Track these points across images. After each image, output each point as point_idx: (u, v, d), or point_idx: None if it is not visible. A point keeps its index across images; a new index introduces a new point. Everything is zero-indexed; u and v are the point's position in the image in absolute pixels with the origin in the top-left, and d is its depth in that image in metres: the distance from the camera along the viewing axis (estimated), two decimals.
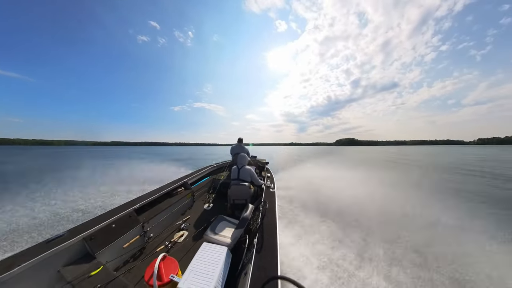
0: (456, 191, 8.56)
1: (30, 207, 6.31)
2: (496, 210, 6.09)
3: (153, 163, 20.60)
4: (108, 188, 8.83)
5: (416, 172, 14.52)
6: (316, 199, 6.60)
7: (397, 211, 5.72)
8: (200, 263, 1.90)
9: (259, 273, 1.60)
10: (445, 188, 9.15)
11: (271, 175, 5.34)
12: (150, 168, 16.23)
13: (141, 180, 10.51)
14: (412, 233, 4.46)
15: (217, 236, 2.54)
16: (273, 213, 2.78)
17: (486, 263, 3.46)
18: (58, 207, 6.36)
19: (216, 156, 29.90)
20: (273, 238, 2.11)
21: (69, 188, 8.60)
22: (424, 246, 3.94)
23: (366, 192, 7.64)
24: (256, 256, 1.81)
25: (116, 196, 7.61)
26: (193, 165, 17.15)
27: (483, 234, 4.46)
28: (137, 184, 9.59)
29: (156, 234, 3.20)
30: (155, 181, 9.50)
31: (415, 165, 19.64)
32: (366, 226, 4.69)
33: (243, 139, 6.07)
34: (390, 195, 7.47)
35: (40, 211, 5.97)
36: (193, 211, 4.21)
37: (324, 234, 4.40)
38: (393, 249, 3.87)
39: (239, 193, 3.69)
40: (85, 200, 7.15)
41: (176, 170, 14.58)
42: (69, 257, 2.13)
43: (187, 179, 4.75)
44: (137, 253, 2.79)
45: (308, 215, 5.33)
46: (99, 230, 2.40)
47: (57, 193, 7.98)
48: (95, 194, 7.81)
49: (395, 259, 3.58)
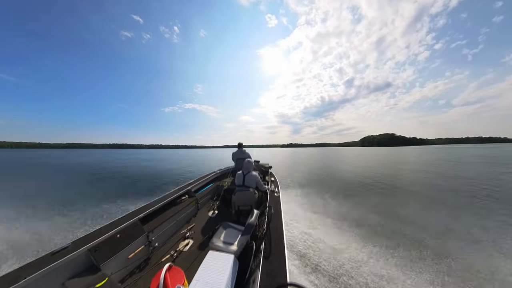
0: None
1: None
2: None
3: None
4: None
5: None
6: None
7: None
8: (206, 272, 1.85)
9: (267, 280, 1.55)
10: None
11: (275, 179, 5.29)
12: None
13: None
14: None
15: (223, 243, 2.50)
16: (279, 218, 2.72)
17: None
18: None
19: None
20: (281, 243, 2.06)
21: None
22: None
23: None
24: (263, 263, 1.76)
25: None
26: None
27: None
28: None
29: (161, 243, 3.15)
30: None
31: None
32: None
33: (243, 143, 6.04)
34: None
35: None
36: (198, 219, 4.16)
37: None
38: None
39: (244, 199, 3.64)
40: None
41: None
42: (74, 269, 2.10)
43: (190, 186, 4.73)
44: (142, 263, 2.74)
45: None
46: (103, 241, 2.37)
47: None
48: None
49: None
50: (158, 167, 22.10)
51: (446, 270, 3.63)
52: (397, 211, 6.77)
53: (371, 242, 4.60)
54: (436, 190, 9.74)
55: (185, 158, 41.98)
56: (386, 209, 7.01)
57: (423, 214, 6.51)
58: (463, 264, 3.81)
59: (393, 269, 3.65)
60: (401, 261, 3.89)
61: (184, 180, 5.99)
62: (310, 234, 4.87)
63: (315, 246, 4.35)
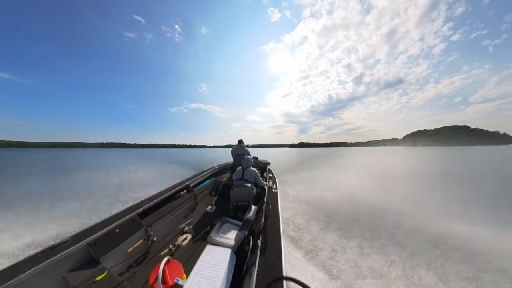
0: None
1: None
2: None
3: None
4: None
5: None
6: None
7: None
8: (204, 265, 1.89)
9: (264, 274, 1.59)
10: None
11: (273, 176, 5.33)
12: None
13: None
14: None
15: (221, 238, 2.54)
16: (276, 214, 2.76)
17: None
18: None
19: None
20: (277, 239, 2.10)
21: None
22: None
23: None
24: (260, 257, 1.80)
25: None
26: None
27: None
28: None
29: (159, 237, 3.19)
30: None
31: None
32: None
33: (243, 140, 6.10)
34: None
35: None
36: (196, 214, 4.20)
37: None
38: None
39: (242, 195, 3.68)
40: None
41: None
42: (73, 263, 2.13)
43: (189, 182, 4.75)
44: (141, 257, 2.78)
45: None
46: (103, 235, 2.40)
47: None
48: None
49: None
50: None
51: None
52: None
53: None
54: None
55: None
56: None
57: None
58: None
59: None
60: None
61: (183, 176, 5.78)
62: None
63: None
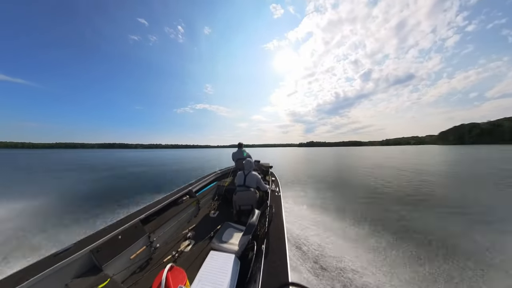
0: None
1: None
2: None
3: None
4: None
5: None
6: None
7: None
8: (208, 272, 1.86)
9: (269, 280, 1.56)
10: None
11: (276, 179, 5.30)
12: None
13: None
14: None
15: (224, 243, 2.50)
16: (280, 217, 2.73)
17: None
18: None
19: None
20: (282, 243, 2.06)
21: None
22: None
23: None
24: (265, 262, 1.76)
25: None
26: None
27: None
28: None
29: (162, 244, 3.16)
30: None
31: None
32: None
33: (243, 143, 6.11)
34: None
35: None
36: (199, 219, 4.17)
37: None
38: None
39: (245, 199, 3.65)
40: None
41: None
42: (76, 270, 2.11)
43: (191, 187, 4.74)
44: (144, 264, 2.75)
45: None
46: (105, 242, 2.38)
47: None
48: None
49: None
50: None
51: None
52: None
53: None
54: None
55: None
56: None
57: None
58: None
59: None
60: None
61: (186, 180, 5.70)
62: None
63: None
